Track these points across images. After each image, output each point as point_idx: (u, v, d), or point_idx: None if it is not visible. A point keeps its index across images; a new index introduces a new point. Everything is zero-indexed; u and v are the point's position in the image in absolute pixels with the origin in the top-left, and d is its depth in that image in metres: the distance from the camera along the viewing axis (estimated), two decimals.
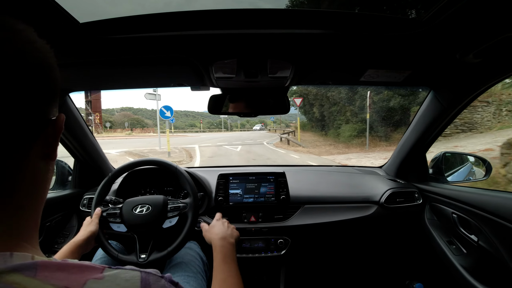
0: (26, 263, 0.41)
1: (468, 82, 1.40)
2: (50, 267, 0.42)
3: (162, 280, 0.52)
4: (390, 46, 1.13)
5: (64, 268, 0.43)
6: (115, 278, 0.46)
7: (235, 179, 1.86)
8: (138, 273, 0.49)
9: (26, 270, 0.40)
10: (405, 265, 2.16)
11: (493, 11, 0.87)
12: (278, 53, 1.18)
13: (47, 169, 0.51)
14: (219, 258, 1.10)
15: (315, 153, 16.36)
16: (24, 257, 0.42)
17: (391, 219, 1.87)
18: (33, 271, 0.40)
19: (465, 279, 1.46)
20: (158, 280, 0.51)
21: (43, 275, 0.40)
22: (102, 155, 2.09)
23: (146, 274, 0.50)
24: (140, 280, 0.48)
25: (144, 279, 0.48)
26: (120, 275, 0.47)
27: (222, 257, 1.10)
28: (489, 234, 1.35)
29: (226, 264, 1.07)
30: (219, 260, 1.09)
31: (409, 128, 1.92)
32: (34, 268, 0.40)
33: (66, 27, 0.93)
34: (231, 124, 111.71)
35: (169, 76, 1.48)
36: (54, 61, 0.49)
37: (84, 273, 0.44)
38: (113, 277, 0.46)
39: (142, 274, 0.49)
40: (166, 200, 1.48)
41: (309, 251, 2.03)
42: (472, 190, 1.54)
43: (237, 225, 1.76)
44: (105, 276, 0.45)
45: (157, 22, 1.00)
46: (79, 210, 1.88)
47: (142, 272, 0.50)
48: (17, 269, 0.39)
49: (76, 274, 0.43)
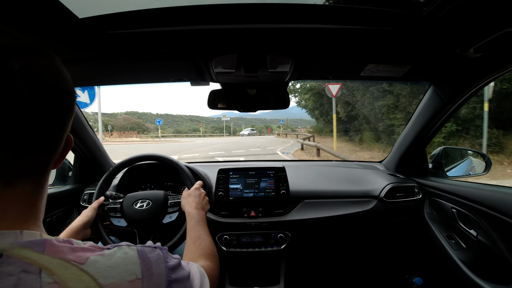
0: (35, 240, 0.45)
1: (468, 76, 1.40)
2: (57, 244, 0.47)
3: (157, 250, 0.59)
4: (390, 41, 1.12)
5: (69, 245, 0.48)
6: (115, 252, 0.52)
7: (235, 174, 1.86)
8: (134, 247, 0.56)
9: (35, 246, 0.44)
10: (404, 259, 2.17)
11: (493, 6, 0.87)
12: (278, 48, 1.18)
13: None
14: (194, 221, 1.17)
15: None
16: (34, 235, 0.47)
17: (390, 214, 1.88)
18: (42, 247, 0.45)
19: (464, 274, 1.46)
20: (153, 250, 0.58)
21: (51, 250, 0.45)
22: (103, 150, 2.09)
23: (142, 247, 0.57)
24: (137, 251, 0.55)
25: (141, 251, 0.55)
26: (119, 250, 0.53)
27: (195, 221, 1.17)
28: (488, 228, 1.36)
29: (199, 225, 1.15)
30: (193, 223, 1.16)
31: (409, 122, 1.92)
32: (42, 244, 0.45)
33: (65, 22, 0.93)
34: (235, 129, 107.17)
35: (168, 71, 1.48)
36: (72, 87, 0.54)
37: (86, 252, 0.49)
38: (113, 252, 0.52)
39: (138, 247, 0.56)
40: (167, 195, 1.48)
41: (309, 246, 2.03)
42: (472, 185, 1.54)
43: (237, 220, 1.77)
44: (105, 252, 0.51)
45: (156, 17, 1.00)
46: (80, 205, 1.89)
47: (138, 246, 0.57)
48: (27, 245, 0.44)
49: (80, 252, 0.48)
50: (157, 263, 0.55)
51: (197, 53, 1.21)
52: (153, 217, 1.41)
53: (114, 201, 1.48)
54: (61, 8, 0.86)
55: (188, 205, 1.29)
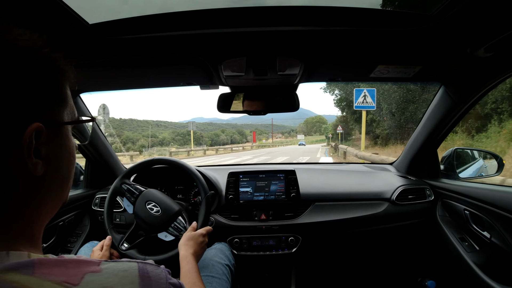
0: (23, 261, 0.41)
1: (479, 76, 1.39)
2: (47, 263, 0.42)
3: (159, 269, 0.52)
4: (399, 42, 1.12)
5: (61, 264, 0.43)
6: (113, 269, 0.46)
7: (245, 177, 1.86)
8: (135, 263, 0.49)
9: (24, 268, 0.40)
10: (417, 262, 2.14)
11: (503, 4, 0.86)
12: (287, 51, 1.19)
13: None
14: (190, 266, 1.11)
15: None
16: (20, 255, 0.42)
17: (402, 216, 1.86)
18: (31, 269, 0.40)
19: (478, 276, 1.44)
20: (155, 269, 0.51)
21: (41, 272, 0.40)
22: (113, 155, 2.11)
23: (144, 264, 0.50)
24: (137, 269, 0.48)
25: (142, 269, 0.49)
26: (117, 266, 0.47)
27: (191, 267, 1.11)
28: (502, 230, 1.34)
29: (195, 272, 1.09)
30: (189, 268, 1.10)
31: (420, 124, 1.90)
32: (31, 266, 0.41)
33: (75, 28, 0.94)
34: (214, 139, 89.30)
35: (178, 76, 1.50)
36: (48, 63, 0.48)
37: (81, 267, 0.44)
38: (110, 269, 0.46)
39: (139, 264, 0.49)
40: (179, 214, 1.46)
41: (320, 249, 2.02)
42: (484, 186, 1.52)
43: (247, 223, 1.77)
44: (103, 268, 0.45)
45: (165, 21, 1.01)
46: (91, 209, 1.91)
47: (139, 263, 0.50)
48: (15, 267, 0.40)
49: (74, 269, 0.43)
50: (159, 284, 0.50)
51: (207, 57, 1.22)
52: (154, 225, 1.41)
53: (136, 187, 1.50)
54: (71, 14, 0.87)
55: (185, 248, 1.21)
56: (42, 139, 0.46)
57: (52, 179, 0.50)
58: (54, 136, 0.50)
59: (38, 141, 0.45)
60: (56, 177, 0.51)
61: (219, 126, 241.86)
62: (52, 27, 0.91)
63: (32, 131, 0.44)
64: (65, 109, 0.53)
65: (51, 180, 0.50)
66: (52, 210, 0.53)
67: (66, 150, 0.53)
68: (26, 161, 0.44)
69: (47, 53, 0.48)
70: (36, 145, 0.45)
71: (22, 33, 0.46)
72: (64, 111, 0.52)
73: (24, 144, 0.43)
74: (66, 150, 0.54)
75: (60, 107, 0.51)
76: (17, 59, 0.44)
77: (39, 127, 0.45)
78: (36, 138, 0.45)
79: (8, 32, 0.44)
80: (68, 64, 0.52)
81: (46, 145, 0.47)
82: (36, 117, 0.45)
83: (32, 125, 0.44)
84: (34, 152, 0.45)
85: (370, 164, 2.51)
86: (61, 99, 0.52)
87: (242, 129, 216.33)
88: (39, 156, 0.46)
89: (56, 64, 0.50)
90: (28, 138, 0.43)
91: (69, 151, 0.55)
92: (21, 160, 0.44)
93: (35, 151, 0.45)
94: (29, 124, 0.44)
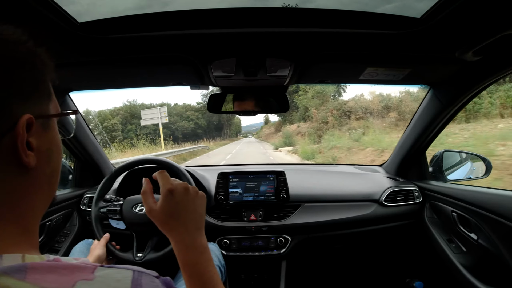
0: (15, 265, 0.40)
1: (467, 79, 1.40)
2: (40, 269, 0.41)
3: (156, 280, 0.49)
4: (389, 44, 1.13)
5: (55, 270, 0.42)
6: (106, 278, 0.44)
7: (235, 178, 1.86)
8: (131, 272, 0.47)
9: (16, 272, 0.39)
10: (405, 263, 2.16)
11: (491, 9, 0.87)
12: (277, 52, 1.19)
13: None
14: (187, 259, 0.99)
15: None
16: (14, 258, 0.41)
17: (391, 218, 1.87)
18: (23, 273, 0.39)
19: (465, 277, 1.46)
20: (151, 280, 0.48)
21: (32, 278, 0.40)
22: (103, 154, 2.09)
23: (139, 274, 0.47)
24: (131, 281, 0.45)
25: (135, 280, 0.46)
26: (111, 275, 0.45)
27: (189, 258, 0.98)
28: (488, 232, 1.35)
29: None
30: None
31: (409, 126, 1.92)
32: (24, 270, 0.40)
33: (64, 26, 0.93)
34: None
35: (168, 75, 1.49)
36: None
37: (74, 274, 0.42)
38: (103, 278, 0.44)
39: (135, 274, 0.47)
40: None
41: (309, 250, 2.03)
42: (472, 189, 1.54)
43: (237, 224, 1.77)
44: (96, 276, 0.44)
45: (156, 21, 1.00)
46: (80, 209, 1.89)
47: (135, 272, 0.47)
48: (7, 272, 0.39)
49: (66, 276, 0.42)
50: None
51: (197, 57, 1.22)
52: (152, 222, 1.39)
53: (114, 203, 1.48)
54: (60, 12, 0.86)
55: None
56: (32, 131, 0.46)
57: (43, 172, 0.50)
58: (43, 129, 0.50)
59: (29, 133, 0.45)
60: (46, 169, 0.51)
61: None
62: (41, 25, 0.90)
63: (24, 122, 0.44)
64: (50, 102, 0.53)
65: (43, 173, 0.50)
66: (44, 204, 0.53)
67: (54, 143, 0.54)
68: (20, 153, 0.44)
69: (31, 46, 0.48)
70: (27, 137, 0.45)
71: (6, 28, 0.46)
72: (50, 104, 0.53)
73: (18, 136, 0.43)
74: (54, 143, 0.54)
75: (47, 100, 0.52)
76: (5, 52, 0.44)
77: (30, 119, 0.45)
78: (27, 130, 0.45)
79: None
80: (50, 58, 0.52)
81: (36, 138, 0.47)
82: (26, 110, 0.45)
83: (24, 116, 0.44)
84: (26, 144, 0.45)
85: (360, 166, 2.52)
86: (48, 93, 0.52)
87: None
88: (30, 148, 0.46)
89: (41, 58, 0.50)
90: (21, 130, 0.43)
91: (57, 144, 0.55)
92: (14, 152, 0.44)
93: (26, 143, 0.45)
94: (20, 116, 0.44)
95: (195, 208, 0.77)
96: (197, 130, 60.99)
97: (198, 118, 61.03)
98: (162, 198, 0.74)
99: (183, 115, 59.55)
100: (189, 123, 58.84)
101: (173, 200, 0.74)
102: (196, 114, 61.38)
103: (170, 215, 0.74)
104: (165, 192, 0.74)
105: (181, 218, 0.74)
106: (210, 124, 66.98)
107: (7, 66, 0.44)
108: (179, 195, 0.74)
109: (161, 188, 0.75)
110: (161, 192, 0.74)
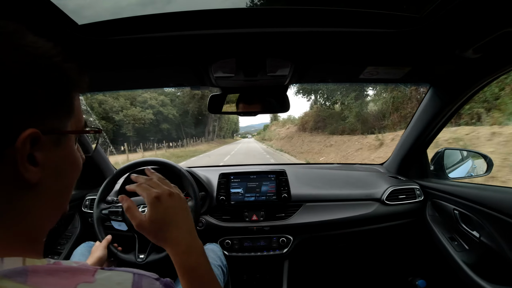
0: (16, 268, 0.40)
1: (468, 77, 1.40)
2: (41, 272, 0.41)
3: (156, 283, 0.50)
4: (389, 43, 1.12)
5: (55, 273, 0.42)
6: (107, 281, 0.45)
7: (236, 178, 1.86)
8: (131, 275, 0.48)
9: (17, 276, 0.39)
10: (407, 261, 2.16)
11: (492, 6, 0.87)
12: (277, 52, 1.18)
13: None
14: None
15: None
16: (15, 261, 0.41)
17: (392, 216, 1.87)
18: (24, 277, 0.39)
19: (468, 275, 1.45)
20: (151, 282, 0.49)
21: (33, 281, 0.40)
22: (104, 156, 2.09)
23: (139, 277, 0.48)
24: (131, 283, 0.46)
25: (136, 282, 0.47)
26: (112, 278, 0.46)
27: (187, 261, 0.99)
28: (491, 230, 1.35)
29: None
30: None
31: (410, 125, 1.92)
32: (24, 274, 0.40)
33: (64, 29, 0.93)
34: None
35: (168, 77, 1.48)
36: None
37: (75, 277, 0.43)
38: (104, 280, 0.45)
39: (135, 276, 0.48)
40: None
41: (311, 249, 2.03)
42: (473, 186, 1.54)
43: (239, 224, 1.77)
44: (97, 279, 0.44)
45: (155, 22, 1.00)
46: (82, 211, 1.89)
47: (135, 275, 0.48)
48: (8, 275, 0.39)
49: (67, 279, 0.42)
50: None
51: (197, 58, 1.22)
52: None
53: (116, 205, 1.48)
54: (60, 14, 0.86)
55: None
56: (38, 146, 0.45)
57: (49, 188, 0.49)
58: (54, 145, 0.49)
59: (34, 148, 0.44)
60: (54, 186, 0.50)
61: None
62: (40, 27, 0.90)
63: (26, 136, 0.42)
64: (70, 119, 0.52)
65: (49, 189, 0.49)
66: (53, 218, 0.53)
67: (67, 160, 0.52)
68: (20, 168, 0.43)
69: (57, 62, 0.48)
70: (32, 151, 0.44)
71: (35, 40, 0.46)
72: (69, 121, 0.51)
73: (18, 150, 0.42)
74: (68, 160, 0.53)
75: (64, 117, 0.50)
76: (23, 64, 0.43)
77: (34, 133, 0.43)
78: (32, 144, 0.44)
79: (21, 38, 0.44)
80: (82, 74, 0.52)
81: (43, 153, 0.46)
82: (33, 124, 0.44)
83: (27, 131, 0.43)
84: (29, 159, 0.44)
85: (361, 165, 2.52)
86: (67, 109, 0.51)
87: None
88: (34, 163, 0.45)
89: (66, 74, 0.49)
90: (21, 144, 0.42)
91: (72, 161, 0.54)
92: (15, 166, 0.43)
93: (31, 158, 0.44)
94: (23, 130, 0.42)
95: (183, 210, 0.77)
96: (161, 124, 45.80)
97: (165, 105, 45.30)
98: (149, 207, 0.73)
99: (137, 99, 43.27)
100: (145, 113, 42.81)
101: (162, 206, 0.73)
102: (160, 98, 45.03)
103: (162, 222, 0.73)
104: (151, 200, 0.74)
105: (173, 222, 0.74)
106: (185, 117, 50.96)
107: (21, 77, 0.43)
108: (166, 201, 0.74)
109: (145, 199, 0.75)
110: (147, 202, 0.74)
